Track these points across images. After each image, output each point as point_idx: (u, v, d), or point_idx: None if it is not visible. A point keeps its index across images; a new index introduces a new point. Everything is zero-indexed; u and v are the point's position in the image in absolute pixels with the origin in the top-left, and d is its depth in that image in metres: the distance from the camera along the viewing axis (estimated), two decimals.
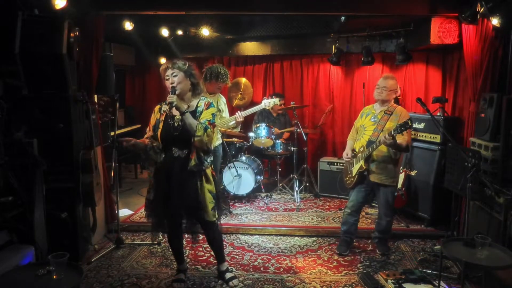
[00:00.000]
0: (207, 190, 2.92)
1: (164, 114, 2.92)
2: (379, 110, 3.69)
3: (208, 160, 2.94)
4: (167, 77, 2.84)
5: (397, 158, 3.62)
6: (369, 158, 3.59)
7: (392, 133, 3.27)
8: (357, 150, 3.73)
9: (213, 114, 2.90)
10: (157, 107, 3.01)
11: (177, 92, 2.81)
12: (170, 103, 2.72)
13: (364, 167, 3.61)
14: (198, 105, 2.92)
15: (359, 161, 3.65)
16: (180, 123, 2.84)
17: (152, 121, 2.98)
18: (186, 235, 3.27)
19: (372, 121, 3.68)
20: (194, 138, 2.76)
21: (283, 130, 5.69)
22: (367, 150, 3.56)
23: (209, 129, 2.79)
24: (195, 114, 2.87)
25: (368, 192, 3.75)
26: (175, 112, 2.86)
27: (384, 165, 3.57)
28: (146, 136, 2.99)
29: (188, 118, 2.76)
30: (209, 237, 3.15)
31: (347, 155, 3.79)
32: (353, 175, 3.72)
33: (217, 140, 4.45)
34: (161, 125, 2.91)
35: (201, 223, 3.01)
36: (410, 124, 3.25)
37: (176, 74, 2.83)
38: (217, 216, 3.00)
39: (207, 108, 2.91)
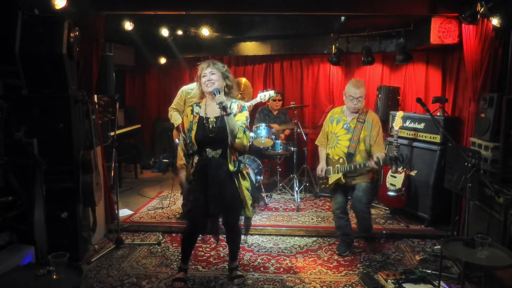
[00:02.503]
0: (245, 187, 3.01)
1: (197, 116, 2.96)
2: (351, 118, 3.64)
3: (244, 160, 3.05)
4: (205, 75, 2.90)
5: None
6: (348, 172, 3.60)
7: (381, 163, 3.43)
8: (333, 159, 3.67)
9: (246, 118, 2.99)
10: (189, 109, 3.04)
11: (221, 92, 2.86)
12: (220, 103, 2.77)
13: (344, 181, 3.61)
14: (231, 107, 2.94)
15: (338, 173, 3.60)
16: (215, 125, 2.90)
17: (186, 124, 3.01)
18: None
19: (345, 129, 3.63)
20: (235, 140, 2.84)
21: (282, 127, 5.67)
22: (348, 166, 3.55)
23: (247, 132, 2.91)
24: None
25: (348, 191, 3.78)
26: (209, 113, 2.93)
27: (361, 172, 3.61)
28: (181, 148, 3.04)
29: (232, 119, 2.82)
30: (235, 233, 3.21)
31: (322, 171, 3.72)
32: (329, 183, 3.70)
33: None
34: (195, 127, 2.94)
35: (234, 219, 3.09)
36: (401, 160, 3.49)
37: (215, 72, 2.91)
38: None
39: (240, 111, 2.97)
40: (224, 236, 3.26)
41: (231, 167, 2.91)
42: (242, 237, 3.50)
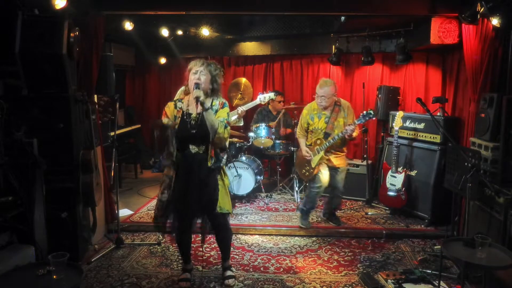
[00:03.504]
0: (225, 184, 3.06)
1: (181, 111, 2.97)
2: (329, 111, 4.10)
3: (225, 157, 3.06)
4: (195, 72, 2.92)
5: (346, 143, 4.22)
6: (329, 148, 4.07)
7: (357, 122, 3.95)
8: (312, 144, 4.17)
9: (228, 114, 3.00)
10: (171, 103, 3.05)
11: (200, 88, 2.87)
12: (197, 97, 2.80)
13: (326, 158, 4.10)
14: (213, 104, 2.97)
15: (319, 153, 4.09)
16: (197, 122, 2.90)
17: (170, 115, 2.99)
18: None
19: (326, 122, 4.09)
20: (215, 135, 2.85)
21: (275, 122, 5.68)
22: (327, 141, 4.02)
23: (228, 127, 2.93)
24: None
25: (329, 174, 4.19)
26: (191, 110, 2.93)
27: (341, 150, 4.16)
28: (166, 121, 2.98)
29: (210, 114, 2.84)
30: (223, 232, 3.19)
31: (308, 153, 4.14)
32: (314, 166, 4.13)
33: None
34: (177, 121, 2.96)
35: (219, 217, 3.05)
36: (373, 114, 3.91)
37: (205, 74, 2.92)
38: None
39: (222, 107, 2.99)
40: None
41: (209, 163, 2.92)
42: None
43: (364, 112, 3.97)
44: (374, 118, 4.08)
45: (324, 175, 4.14)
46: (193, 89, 2.87)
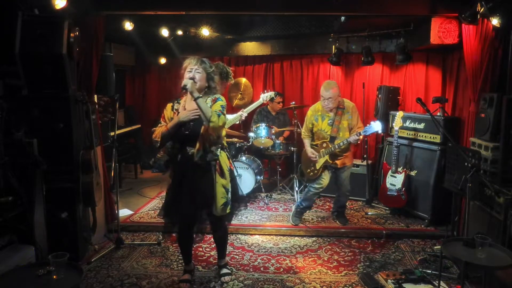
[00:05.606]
0: (221, 184, 2.97)
1: (177, 113, 2.96)
2: (333, 113, 4.14)
3: (217, 151, 2.95)
4: (190, 70, 2.88)
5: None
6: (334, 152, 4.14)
7: (361, 133, 3.94)
8: (318, 146, 4.23)
9: (222, 106, 2.90)
10: (169, 104, 3.05)
11: (195, 83, 2.82)
12: (184, 85, 2.75)
13: (331, 162, 4.16)
14: (206, 102, 2.93)
15: (324, 156, 4.16)
16: (191, 122, 2.88)
17: (167, 118, 3.00)
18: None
19: (330, 125, 4.15)
20: (210, 124, 2.76)
21: (282, 129, 5.68)
22: (332, 146, 4.08)
23: (222, 115, 2.83)
24: None
25: (333, 173, 4.30)
26: (188, 106, 2.90)
27: (345, 152, 4.18)
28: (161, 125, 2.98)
29: (201, 103, 2.77)
30: (216, 232, 3.22)
31: (313, 154, 4.20)
32: (318, 168, 4.22)
33: None
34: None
35: (210, 217, 3.05)
36: (381, 130, 3.92)
37: (200, 72, 2.89)
38: (227, 211, 3.03)
39: (215, 102, 2.92)
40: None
41: (194, 158, 2.84)
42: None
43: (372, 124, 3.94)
44: (380, 133, 4.15)
45: (326, 178, 4.26)
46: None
